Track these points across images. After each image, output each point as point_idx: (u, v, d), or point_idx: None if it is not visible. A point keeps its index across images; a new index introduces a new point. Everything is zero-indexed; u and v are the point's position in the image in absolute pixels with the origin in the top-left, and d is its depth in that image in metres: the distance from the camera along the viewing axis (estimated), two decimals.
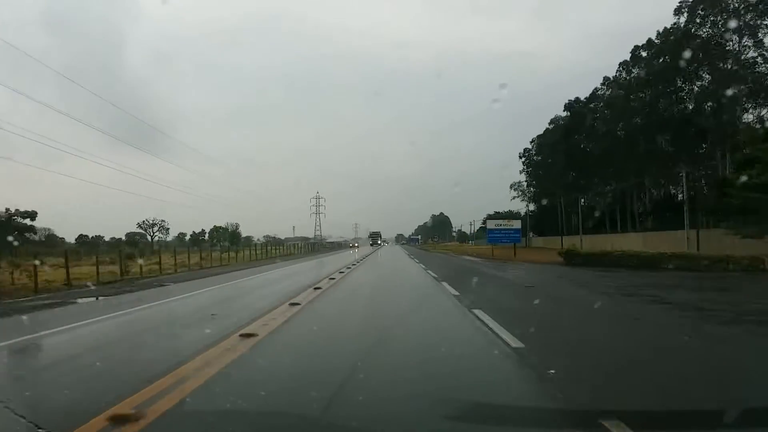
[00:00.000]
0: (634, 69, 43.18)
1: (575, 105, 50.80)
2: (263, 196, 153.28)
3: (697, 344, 6.92)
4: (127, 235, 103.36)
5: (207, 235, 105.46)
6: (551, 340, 6.84)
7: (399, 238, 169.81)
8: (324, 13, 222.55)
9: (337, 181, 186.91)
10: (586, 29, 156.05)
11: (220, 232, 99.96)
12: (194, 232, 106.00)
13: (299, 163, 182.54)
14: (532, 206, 71.54)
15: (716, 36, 35.65)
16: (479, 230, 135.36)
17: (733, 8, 35.23)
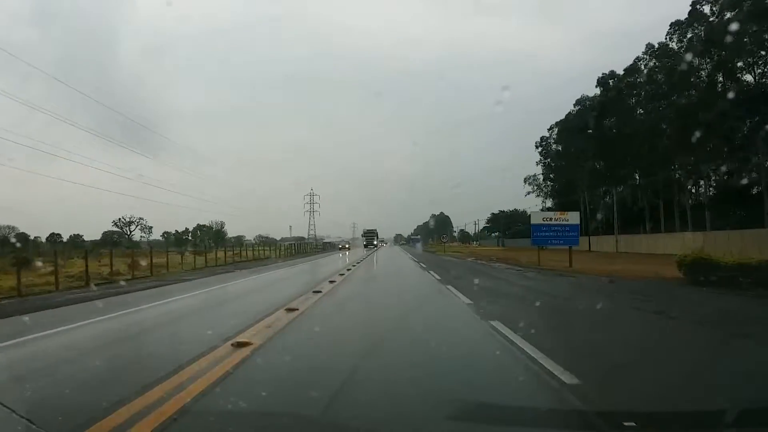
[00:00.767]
0: (690, 30, 35.11)
1: (610, 80, 42.48)
2: (261, 196, 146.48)
3: None
4: (104, 235, 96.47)
5: (190, 235, 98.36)
6: None
7: (398, 238, 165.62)
8: (323, 12, 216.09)
9: (336, 181, 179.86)
10: (590, 29, 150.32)
11: (204, 231, 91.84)
12: (177, 231, 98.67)
13: (297, 163, 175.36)
14: (549, 202, 63.63)
15: None
16: (483, 230, 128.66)
17: None
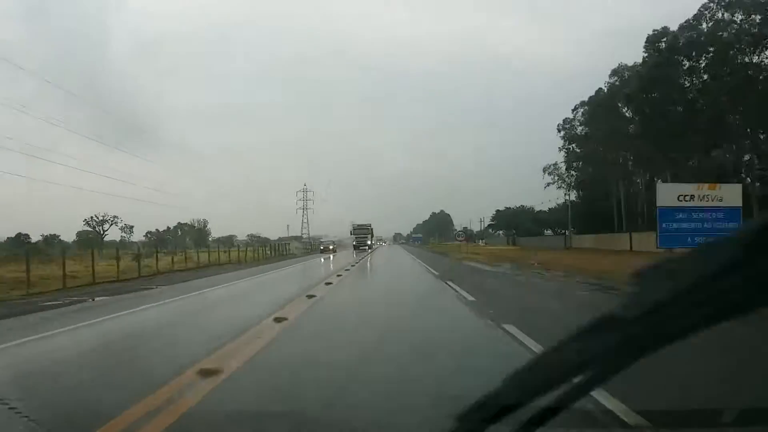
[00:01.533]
0: None
1: (662, 39, 34.19)
2: (258, 195, 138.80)
3: None
4: (79, 234, 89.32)
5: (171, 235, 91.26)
6: None
7: (397, 237, 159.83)
8: (322, 11, 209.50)
9: (334, 180, 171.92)
10: (591, 28, 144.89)
11: (185, 230, 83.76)
12: (157, 230, 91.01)
13: (295, 161, 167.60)
14: (573, 196, 55.75)
15: None
16: (487, 228, 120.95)
17: None
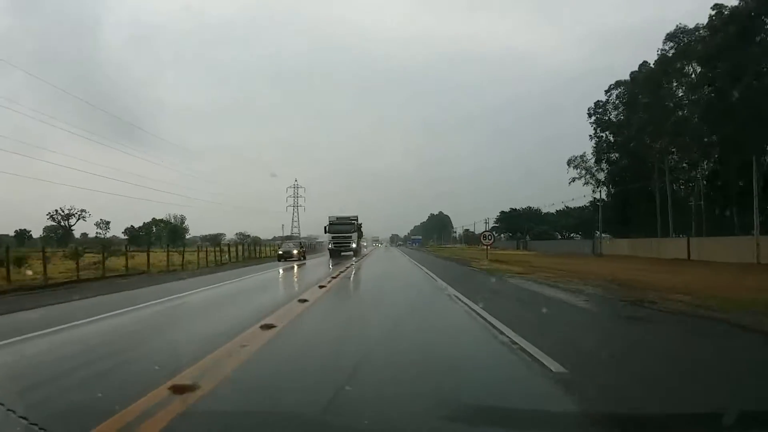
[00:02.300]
0: None
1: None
2: (252, 194, 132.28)
3: None
4: (46, 230, 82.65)
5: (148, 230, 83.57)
6: None
7: (394, 239, 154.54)
8: (320, 9, 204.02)
9: (331, 179, 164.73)
10: (591, 27, 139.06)
11: (161, 227, 75.62)
12: (132, 226, 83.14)
13: (290, 160, 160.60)
14: (603, 192, 47.83)
15: None
16: (491, 230, 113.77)
17: None
